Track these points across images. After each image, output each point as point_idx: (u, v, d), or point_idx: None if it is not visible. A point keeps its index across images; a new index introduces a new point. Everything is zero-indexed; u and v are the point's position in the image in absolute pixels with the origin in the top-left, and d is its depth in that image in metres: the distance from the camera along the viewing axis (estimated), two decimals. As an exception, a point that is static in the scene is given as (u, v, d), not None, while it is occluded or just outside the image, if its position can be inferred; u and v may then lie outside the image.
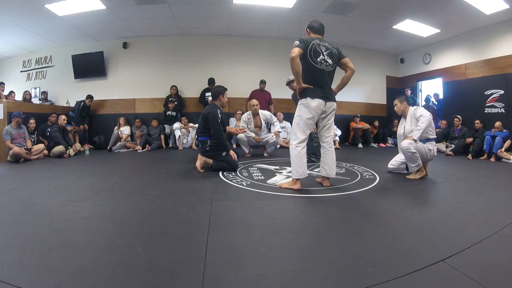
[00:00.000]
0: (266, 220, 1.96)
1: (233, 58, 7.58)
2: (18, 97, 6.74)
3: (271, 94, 7.20)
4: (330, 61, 2.68)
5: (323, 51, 2.65)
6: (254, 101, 5.14)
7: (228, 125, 5.18)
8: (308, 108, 2.65)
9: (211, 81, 6.91)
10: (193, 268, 1.29)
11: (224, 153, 3.62)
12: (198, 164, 3.71)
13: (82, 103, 6.76)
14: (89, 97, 6.87)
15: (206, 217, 1.97)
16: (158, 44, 7.39)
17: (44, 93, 7.37)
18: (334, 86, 2.84)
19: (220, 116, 3.62)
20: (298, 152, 2.67)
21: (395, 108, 3.56)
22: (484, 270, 1.27)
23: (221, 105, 3.80)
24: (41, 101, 7.23)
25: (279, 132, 5.20)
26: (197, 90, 7.23)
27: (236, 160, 3.69)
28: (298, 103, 2.74)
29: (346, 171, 3.70)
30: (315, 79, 2.66)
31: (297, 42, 2.58)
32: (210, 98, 4.32)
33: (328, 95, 2.70)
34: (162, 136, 6.86)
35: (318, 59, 2.63)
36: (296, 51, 2.52)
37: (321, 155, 2.87)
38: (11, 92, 6.52)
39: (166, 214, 2.10)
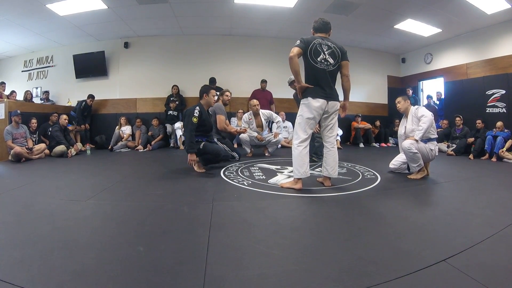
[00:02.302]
0: (268, 220, 1.96)
1: (234, 58, 7.59)
2: (20, 97, 6.76)
3: (272, 93, 7.20)
4: (331, 60, 2.66)
5: (325, 50, 2.63)
6: (255, 101, 5.13)
7: (230, 125, 5.18)
8: (309, 107, 2.65)
9: (212, 80, 6.92)
10: (194, 267, 1.30)
11: (201, 146, 3.56)
12: (194, 167, 3.71)
13: (84, 102, 6.77)
14: (91, 96, 6.89)
15: (208, 216, 1.97)
16: (159, 44, 7.40)
17: (46, 92, 7.38)
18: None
19: (196, 114, 3.50)
20: (299, 151, 2.66)
21: (399, 106, 3.56)
22: (486, 270, 1.27)
23: (207, 104, 3.76)
24: (42, 101, 7.25)
25: (279, 133, 5.19)
26: (198, 89, 7.12)
27: (229, 148, 3.57)
28: (300, 102, 2.74)
29: (348, 171, 3.70)
30: (316, 79, 2.65)
31: (297, 42, 2.59)
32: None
33: (330, 95, 2.68)
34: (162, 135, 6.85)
35: (318, 59, 2.62)
36: (295, 50, 2.53)
37: (323, 155, 2.86)
38: (13, 91, 6.53)
39: (168, 214, 2.10)
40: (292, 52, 2.53)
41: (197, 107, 3.58)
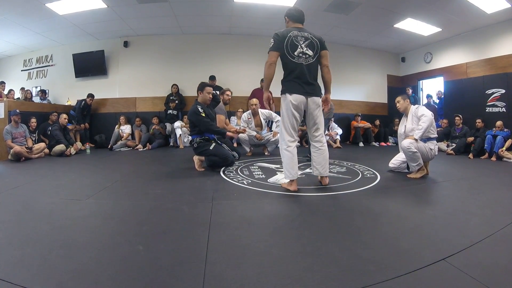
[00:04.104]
0: (267, 219, 1.96)
1: (234, 57, 7.58)
2: (17, 95, 6.74)
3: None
4: (310, 52, 2.53)
5: (301, 42, 2.52)
6: (254, 101, 5.12)
7: (229, 124, 5.17)
8: (287, 105, 2.56)
9: (212, 78, 6.91)
10: (194, 266, 1.30)
11: (211, 146, 3.58)
12: (195, 165, 3.71)
13: (83, 102, 6.77)
14: (90, 95, 6.88)
15: (207, 215, 1.97)
16: (159, 43, 7.39)
17: (42, 91, 7.36)
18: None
19: (201, 110, 3.57)
20: (289, 152, 2.58)
21: (398, 105, 3.56)
22: (485, 269, 1.27)
23: (203, 101, 3.75)
24: (41, 100, 7.24)
25: (278, 133, 5.18)
26: (198, 89, 7.22)
27: (229, 147, 3.56)
28: (281, 100, 2.64)
29: (347, 170, 3.70)
30: (294, 74, 2.53)
31: (271, 43, 2.50)
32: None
33: (309, 90, 2.55)
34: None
35: (295, 53, 2.50)
36: (272, 57, 2.47)
37: (311, 155, 2.76)
38: (11, 90, 6.52)
39: (167, 213, 2.10)
40: (270, 59, 2.46)
41: (197, 105, 3.62)
